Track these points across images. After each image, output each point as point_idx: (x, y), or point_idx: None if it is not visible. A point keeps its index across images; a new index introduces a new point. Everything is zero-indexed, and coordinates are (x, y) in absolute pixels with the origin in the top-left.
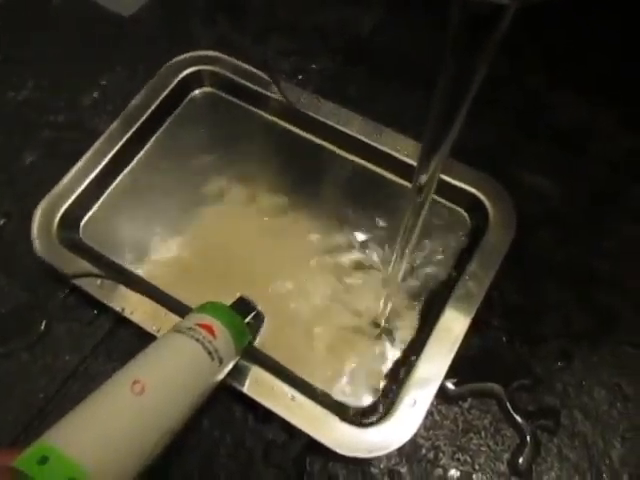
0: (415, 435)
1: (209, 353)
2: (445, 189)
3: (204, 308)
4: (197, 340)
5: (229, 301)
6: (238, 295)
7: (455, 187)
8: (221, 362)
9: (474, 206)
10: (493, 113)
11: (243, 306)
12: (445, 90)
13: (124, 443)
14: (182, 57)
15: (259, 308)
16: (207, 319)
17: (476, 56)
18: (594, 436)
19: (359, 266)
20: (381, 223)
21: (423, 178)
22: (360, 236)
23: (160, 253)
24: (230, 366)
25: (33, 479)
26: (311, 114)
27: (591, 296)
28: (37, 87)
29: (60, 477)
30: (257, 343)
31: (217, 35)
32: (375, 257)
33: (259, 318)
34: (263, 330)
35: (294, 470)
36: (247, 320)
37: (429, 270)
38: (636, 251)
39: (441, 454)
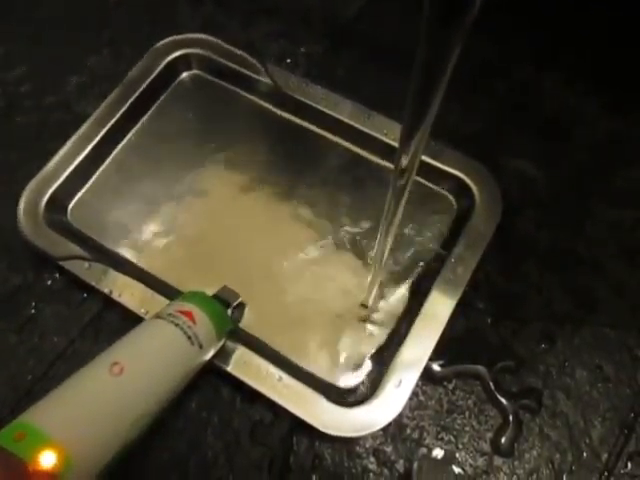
0: (400, 415)
1: (188, 338)
2: (432, 173)
3: (185, 297)
4: (176, 325)
5: (215, 284)
6: (222, 285)
7: (442, 171)
8: (201, 347)
9: (461, 190)
10: (480, 99)
11: (225, 295)
12: (421, 71)
13: (101, 421)
14: (169, 40)
15: (241, 298)
16: (187, 306)
17: (450, 37)
18: (575, 416)
19: (346, 249)
20: (369, 207)
21: (404, 160)
22: (348, 219)
23: (148, 236)
24: (211, 352)
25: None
26: (299, 98)
27: (574, 279)
28: (23, 70)
29: (36, 453)
30: (245, 325)
31: (203, 17)
32: (362, 240)
33: (241, 307)
34: (251, 312)
35: (281, 449)
36: (230, 309)
37: (416, 253)
38: (619, 235)
39: (425, 434)
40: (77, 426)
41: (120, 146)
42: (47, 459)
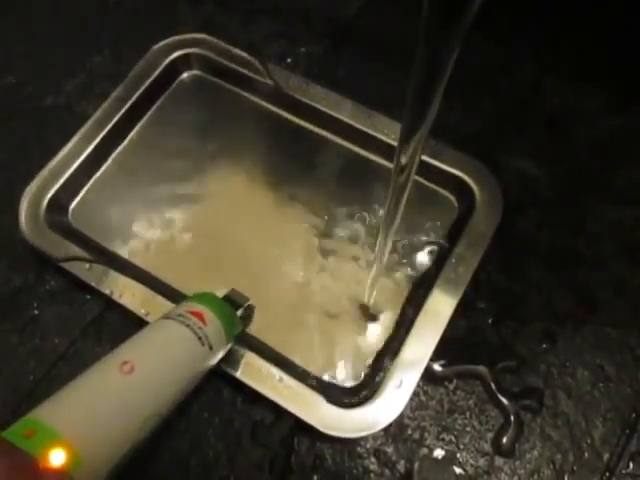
0: (401, 415)
1: (199, 338)
2: (433, 173)
3: (195, 297)
4: (187, 326)
5: (218, 285)
6: (227, 287)
7: (443, 171)
8: (211, 348)
9: (461, 190)
10: (481, 98)
11: (234, 298)
12: (420, 71)
13: (111, 420)
14: (169, 40)
15: (250, 301)
16: (197, 307)
17: (449, 37)
18: (576, 416)
19: (347, 250)
20: (369, 207)
21: (404, 159)
22: (349, 220)
23: (149, 237)
24: (221, 354)
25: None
26: (300, 98)
27: (575, 278)
28: (22, 70)
29: (46, 451)
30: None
31: (203, 17)
32: (363, 240)
33: (250, 310)
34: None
35: (282, 450)
36: (239, 312)
37: (416, 253)
38: (619, 234)
39: (426, 434)
40: (87, 424)
41: (121, 147)
42: (57, 457)
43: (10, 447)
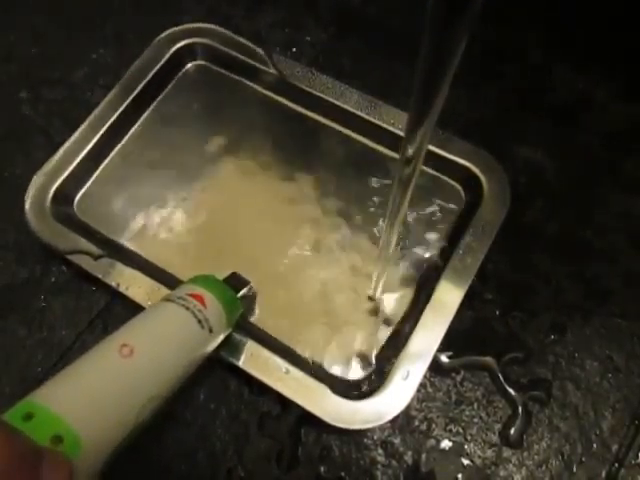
0: (408, 407)
1: (199, 321)
2: (439, 163)
3: (195, 280)
4: (187, 308)
5: (224, 276)
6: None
7: (449, 161)
8: (211, 331)
9: (468, 180)
10: (487, 87)
11: (235, 281)
12: (427, 60)
13: (110, 403)
14: (174, 30)
15: (251, 284)
16: (197, 290)
17: (456, 24)
18: (585, 407)
19: (353, 240)
20: (376, 197)
21: (410, 150)
22: (355, 210)
23: (155, 228)
24: (221, 337)
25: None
26: (305, 87)
27: (584, 269)
28: (27, 62)
29: (45, 433)
30: (252, 317)
31: (208, 6)
32: (369, 231)
33: (251, 293)
34: (258, 304)
35: (289, 441)
36: (239, 295)
37: (423, 243)
38: (628, 224)
39: (434, 425)
40: (86, 406)
41: (126, 137)
42: (56, 439)
43: (9, 429)
